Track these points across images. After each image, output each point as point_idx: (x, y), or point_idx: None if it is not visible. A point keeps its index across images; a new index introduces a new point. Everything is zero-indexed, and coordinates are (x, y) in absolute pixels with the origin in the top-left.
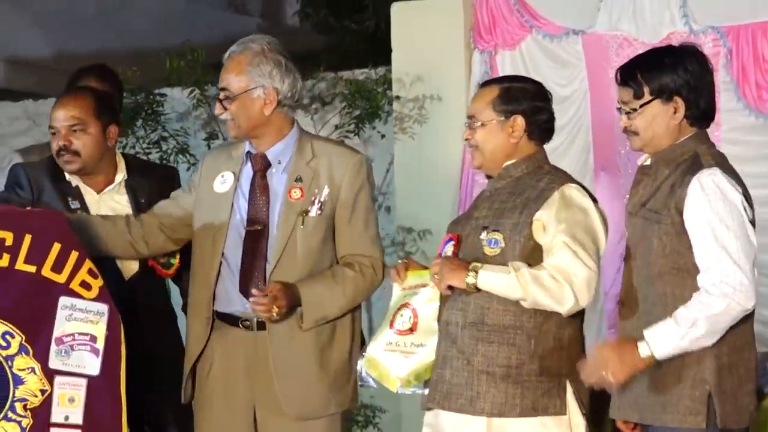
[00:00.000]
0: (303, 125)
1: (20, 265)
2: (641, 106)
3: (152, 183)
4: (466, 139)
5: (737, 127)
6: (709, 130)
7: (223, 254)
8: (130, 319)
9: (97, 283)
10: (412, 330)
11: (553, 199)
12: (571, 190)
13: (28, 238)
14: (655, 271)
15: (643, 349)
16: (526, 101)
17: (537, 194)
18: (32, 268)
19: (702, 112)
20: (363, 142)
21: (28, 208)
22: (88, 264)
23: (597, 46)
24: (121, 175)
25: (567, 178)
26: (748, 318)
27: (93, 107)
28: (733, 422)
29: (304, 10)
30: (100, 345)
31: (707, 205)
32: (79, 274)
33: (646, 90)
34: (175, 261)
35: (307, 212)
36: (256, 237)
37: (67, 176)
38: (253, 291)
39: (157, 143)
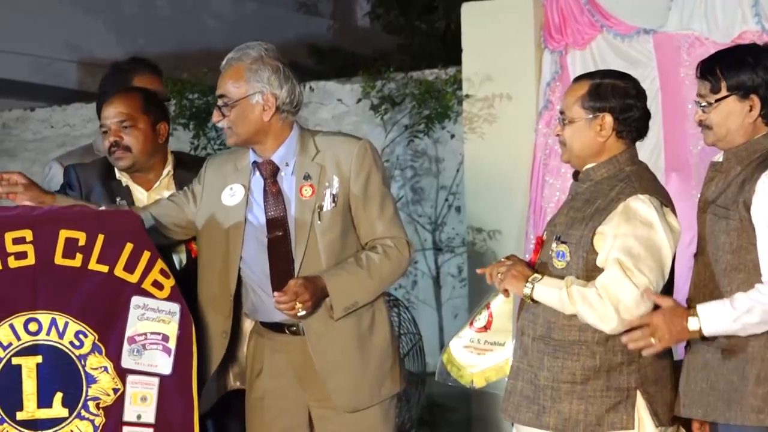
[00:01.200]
0: (372, 126)
1: (93, 265)
2: (717, 101)
3: None
4: (557, 135)
5: None
6: None
7: (241, 267)
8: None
9: (169, 283)
10: (486, 328)
11: (617, 212)
12: (637, 203)
13: (100, 239)
14: (721, 267)
15: (693, 323)
16: (616, 99)
17: (606, 205)
18: (105, 268)
19: None
20: (433, 142)
21: (102, 208)
22: (160, 264)
23: (668, 46)
24: (167, 170)
25: (640, 187)
26: None
27: (140, 104)
28: None
29: (375, 11)
30: (172, 344)
31: None
32: (151, 273)
33: (723, 85)
34: None
35: (321, 207)
36: (278, 243)
37: (118, 175)
38: (274, 294)
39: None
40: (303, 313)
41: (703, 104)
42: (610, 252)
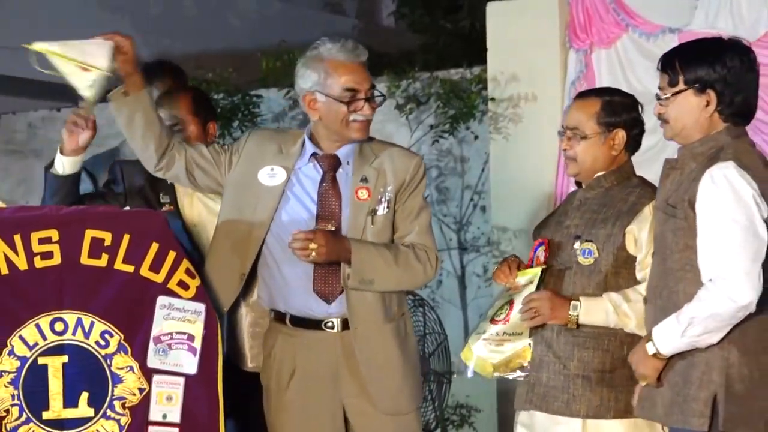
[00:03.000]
0: (398, 125)
1: (119, 264)
2: (674, 94)
3: None
4: (564, 150)
5: None
6: None
7: (273, 255)
8: None
9: (194, 283)
10: (506, 321)
11: (644, 214)
12: None
13: (126, 238)
14: (669, 266)
15: (650, 347)
16: (626, 114)
17: (628, 208)
18: (130, 268)
19: (736, 109)
20: (458, 141)
21: (127, 208)
22: (185, 264)
23: None
24: None
25: (653, 192)
26: (765, 319)
27: (191, 106)
28: (741, 427)
29: (400, 10)
30: (197, 344)
31: (716, 199)
32: (177, 273)
33: (680, 78)
34: None
35: (375, 211)
36: None
37: None
38: (293, 232)
39: None
40: (313, 257)
41: (661, 97)
42: (648, 256)
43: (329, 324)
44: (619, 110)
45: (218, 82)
